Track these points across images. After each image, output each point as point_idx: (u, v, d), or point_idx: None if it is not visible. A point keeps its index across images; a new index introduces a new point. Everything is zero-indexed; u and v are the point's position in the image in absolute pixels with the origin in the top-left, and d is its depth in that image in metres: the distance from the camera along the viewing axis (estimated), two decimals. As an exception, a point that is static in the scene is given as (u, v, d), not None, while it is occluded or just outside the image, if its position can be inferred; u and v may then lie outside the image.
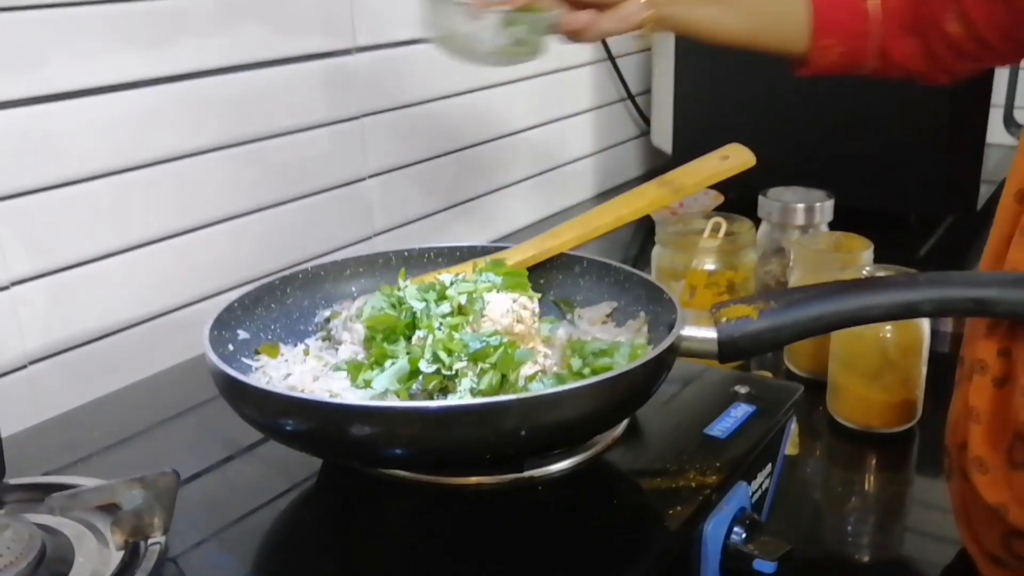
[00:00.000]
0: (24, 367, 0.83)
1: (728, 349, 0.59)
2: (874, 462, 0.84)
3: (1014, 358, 0.59)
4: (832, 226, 1.04)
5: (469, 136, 1.28)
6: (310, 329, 0.71)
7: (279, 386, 0.61)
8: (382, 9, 1.10)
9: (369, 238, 1.15)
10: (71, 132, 0.83)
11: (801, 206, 1.03)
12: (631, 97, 1.61)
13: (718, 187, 1.11)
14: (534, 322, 0.63)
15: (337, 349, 0.66)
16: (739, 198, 1.11)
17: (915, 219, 1.33)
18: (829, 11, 0.85)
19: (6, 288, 0.81)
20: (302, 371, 0.63)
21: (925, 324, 0.83)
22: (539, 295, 0.68)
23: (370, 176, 1.13)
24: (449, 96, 1.23)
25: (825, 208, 1.03)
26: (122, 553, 0.54)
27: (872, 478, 0.84)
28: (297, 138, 1.03)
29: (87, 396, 0.79)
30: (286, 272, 0.71)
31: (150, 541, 0.54)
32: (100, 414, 0.75)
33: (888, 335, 0.83)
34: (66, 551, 0.54)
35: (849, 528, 0.76)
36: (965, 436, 0.64)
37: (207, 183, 0.95)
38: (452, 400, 0.56)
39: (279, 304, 0.70)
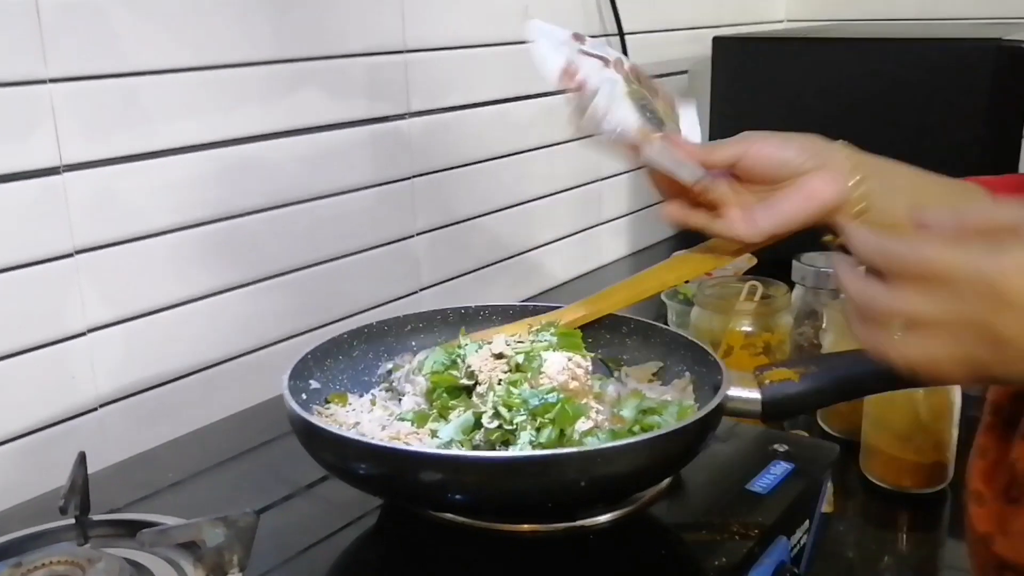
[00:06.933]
0: (95, 409, 0.88)
1: (771, 409, 0.63)
2: (906, 522, 0.87)
3: None
4: (864, 290, 1.07)
5: (513, 195, 1.33)
6: (374, 380, 0.76)
7: (352, 433, 0.65)
8: (435, 77, 1.16)
9: (416, 292, 1.20)
10: (140, 191, 0.88)
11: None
12: (666, 159, 1.65)
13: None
14: (587, 380, 0.67)
15: (400, 400, 0.71)
16: (772, 259, 1.15)
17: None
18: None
19: (83, 334, 0.86)
20: (370, 419, 0.68)
21: (956, 388, 0.87)
22: (591, 354, 0.72)
23: (418, 233, 1.19)
24: (495, 158, 1.29)
25: (858, 273, 1.07)
26: (203, 588, 0.58)
27: (905, 538, 0.86)
28: (351, 197, 1.08)
29: (153, 439, 0.84)
30: (352, 327, 0.76)
31: (229, 577, 0.58)
32: (169, 454, 0.81)
33: (920, 398, 0.86)
34: (151, 584, 0.59)
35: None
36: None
37: (265, 239, 1.00)
38: (518, 452, 0.60)
39: (346, 356, 0.75)
